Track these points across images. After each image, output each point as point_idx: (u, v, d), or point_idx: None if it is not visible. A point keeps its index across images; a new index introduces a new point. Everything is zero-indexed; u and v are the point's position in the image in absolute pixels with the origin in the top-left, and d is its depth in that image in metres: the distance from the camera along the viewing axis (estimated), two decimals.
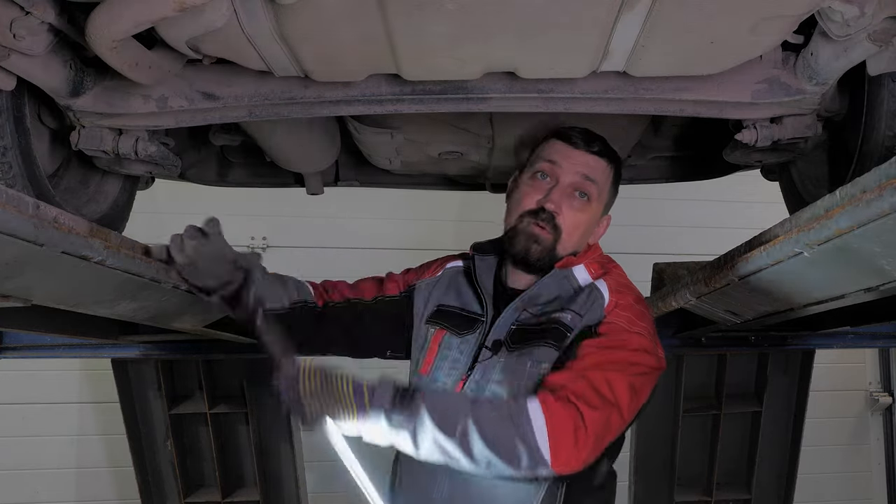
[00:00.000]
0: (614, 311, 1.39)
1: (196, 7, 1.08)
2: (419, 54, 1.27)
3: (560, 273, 1.47)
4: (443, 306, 1.56)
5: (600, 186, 1.48)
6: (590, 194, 1.47)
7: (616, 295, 1.41)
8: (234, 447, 2.87)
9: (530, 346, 1.40)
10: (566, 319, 1.40)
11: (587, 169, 1.47)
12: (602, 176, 1.49)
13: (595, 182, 1.47)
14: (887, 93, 1.37)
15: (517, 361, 1.39)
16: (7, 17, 1.16)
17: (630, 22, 1.16)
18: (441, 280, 1.61)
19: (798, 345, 2.67)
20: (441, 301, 1.57)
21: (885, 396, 4.56)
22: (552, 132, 1.55)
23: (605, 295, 1.41)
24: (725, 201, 4.24)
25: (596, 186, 1.47)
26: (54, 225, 0.96)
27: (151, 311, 1.48)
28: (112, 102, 1.44)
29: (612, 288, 1.43)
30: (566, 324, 1.39)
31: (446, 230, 4.16)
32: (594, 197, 1.47)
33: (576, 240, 1.48)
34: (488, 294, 1.51)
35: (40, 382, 3.94)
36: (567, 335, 1.38)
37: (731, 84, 1.42)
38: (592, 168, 1.47)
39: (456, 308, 1.54)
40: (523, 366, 1.39)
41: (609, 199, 1.54)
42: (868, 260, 0.98)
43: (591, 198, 1.47)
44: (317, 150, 2.13)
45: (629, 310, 1.40)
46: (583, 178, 1.46)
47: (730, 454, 2.90)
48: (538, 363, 1.38)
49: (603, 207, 1.52)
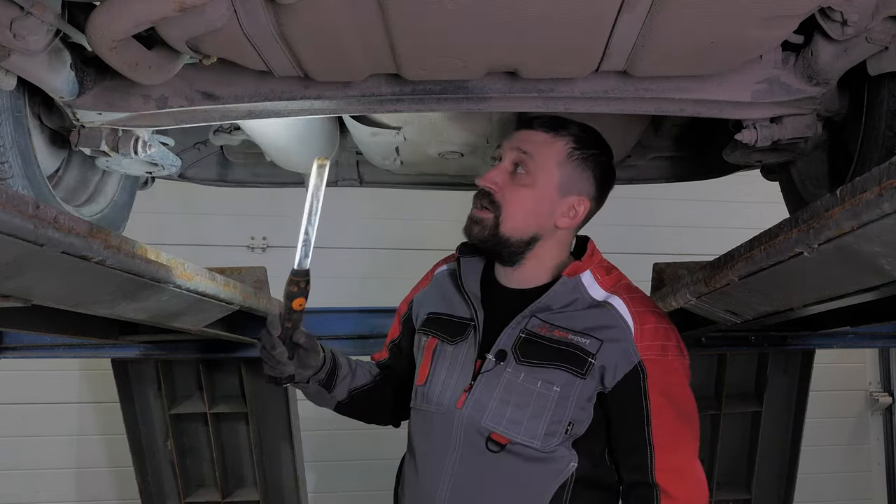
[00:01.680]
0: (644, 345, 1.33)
1: (196, 7, 1.08)
2: (419, 54, 1.27)
3: (570, 281, 1.38)
4: (433, 314, 1.52)
5: (539, 158, 1.38)
6: (525, 166, 1.38)
7: (638, 319, 1.35)
8: (234, 447, 2.87)
9: (543, 366, 1.34)
10: (584, 344, 1.33)
11: (521, 143, 1.40)
12: (541, 147, 1.39)
13: (528, 153, 1.38)
14: (887, 93, 1.37)
15: (526, 379, 1.33)
16: (7, 17, 1.16)
17: (630, 22, 1.16)
18: (433, 287, 1.57)
19: (798, 345, 2.67)
20: (431, 308, 1.53)
21: (885, 396, 4.56)
22: None
23: (629, 321, 1.34)
24: (724, 201, 4.25)
25: (530, 158, 1.38)
26: (54, 225, 0.96)
27: (151, 311, 1.48)
28: (112, 102, 1.44)
29: (633, 311, 1.36)
30: (585, 349, 1.33)
31: (446, 230, 4.13)
32: (532, 169, 1.38)
33: (524, 217, 1.39)
34: (475, 297, 1.45)
35: (40, 382, 3.95)
36: (588, 361, 1.32)
37: (731, 84, 1.42)
38: (527, 141, 1.40)
39: (445, 314, 1.49)
40: (532, 385, 1.33)
41: (570, 178, 1.40)
42: (868, 260, 0.98)
43: (528, 170, 1.38)
44: (316, 150, 2.13)
45: (656, 336, 1.35)
46: (518, 152, 1.39)
47: (730, 454, 2.90)
48: (549, 385, 1.32)
49: (559, 184, 1.39)
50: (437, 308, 1.52)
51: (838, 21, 1.23)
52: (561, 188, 1.40)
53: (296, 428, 2.85)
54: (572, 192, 1.41)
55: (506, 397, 1.34)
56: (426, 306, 1.54)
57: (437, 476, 1.37)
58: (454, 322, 1.46)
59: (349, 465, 4.24)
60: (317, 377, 1.45)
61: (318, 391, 1.49)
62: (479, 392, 1.36)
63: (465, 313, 1.46)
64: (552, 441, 1.32)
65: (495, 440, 1.33)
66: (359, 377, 1.54)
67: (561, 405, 1.32)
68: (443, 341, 1.45)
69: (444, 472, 1.37)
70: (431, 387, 1.43)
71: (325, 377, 1.46)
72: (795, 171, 1.78)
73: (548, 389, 1.32)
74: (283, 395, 2.75)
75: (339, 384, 1.49)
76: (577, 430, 1.34)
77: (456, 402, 1.37)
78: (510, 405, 1.33)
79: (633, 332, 1.33)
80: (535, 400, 1.32)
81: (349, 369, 1.52)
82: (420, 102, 1.45)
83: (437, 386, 1.42)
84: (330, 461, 4.23)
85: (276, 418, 2.80)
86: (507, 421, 1.33)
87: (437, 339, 1.47)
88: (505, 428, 1.33)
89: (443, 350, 1.44)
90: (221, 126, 2.08)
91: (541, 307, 1.38)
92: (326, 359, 1.46)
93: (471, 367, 1.39)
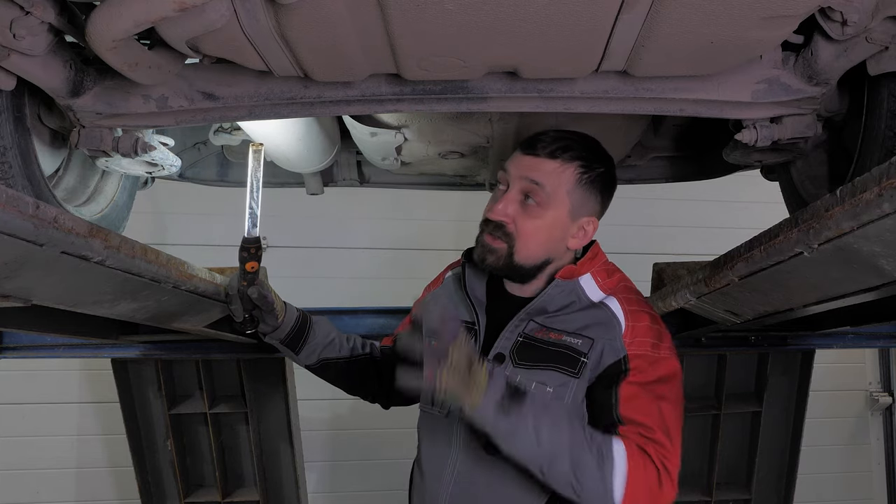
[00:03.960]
0: (635, 341, 1.37)
1: (196, 7, 1.08)
2: (419, 54, 1.27)
3: (565, 284, 1.42)
4: None
5: (550, 188, 1.40)
6: (536, 198, 1.40)
7: (631, 319, 1.39)
8: (234, 447, 2.87)
9: (538, 368, 1.38)
10: (577, 345, 1.37)
11: (530, 172, 1.41)
12: (551, 178, 1.40)
13: (540, 184, 1.40)
14: (887, 93, 1.37)
15: (522, 381, 1.36)
16: (7, 17, 1.16)
17: (630, 22, 1.16)
18: (443, 289, 1.63)
19: (798, 345, 2.67)
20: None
21: (885, 396, 4.56)
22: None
23: (621, 320, 1.39)
24: (725, 201, 4.25)
25: (542, 189, 1.40)
26: (54, 225, 0.96)
27: (151, 311, 1.48)
28: (112, 102, 1.44)
29: (626, 310, 1.40)
30: (577, 349, 1.37)
31: (446, 230, 4.16)
32: (543, 200, 1.40)
33: (538, 246, 1.42)
34: (478, 303, 1.50)
35: (40, 382, 3.94)
36: (580, 360, 1.36)
37: (731, 84, 1.42)
38: (536, 170, 1.41)
39: None
40: (527, 385, 1.36)
41: (581, 202, 1.43)
42: (868, 260, 0.98)
43: (539, 202, 1.40)
44: (316, 150, 2.13)
45: (649, 334, 1.38)
46: (528, 182, 1.41)
47: (730, 454, 2.90)
48: (543, 386, 1.36)
49: (570, 210, 1.42)
50: None
51: (838, 21, 1.23)
52: (572, 213, 1.43)
53: (296, 428, 2.85)
54: (583, 214, 1.44)
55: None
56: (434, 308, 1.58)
57: (440, 477, 1.42)
58: None
59: (349, 465, 4.24)
60: (276, 335, 1.55)
61: (284, 349, 1.59)
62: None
63: (467, 317, 1.50)
64: None
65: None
66: (333, 350, 1.63)
67: None
68: None
69: (445, 473, 1.42)
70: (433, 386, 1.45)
71: (287, 338, 1.56)
72: (795, 171, 1.78)
73: (541, 390, 1.36)
74: (283, 395, 2.75)
75: (305, 348, 1.59)
76: None
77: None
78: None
79: (623, 329, 1.37)
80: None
81: (325, 339, 1.61)
82: (420, 102, 1.45)
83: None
84: (330, 461, 4.23)
85: (276, 418, 2.80)
86: None
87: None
88: None
89: None
90: (221, 126, 2.08)
91: (536, 310, 1.43)
92: (291, 322, 1.55)
93: None
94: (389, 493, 1.58)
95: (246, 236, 1.42)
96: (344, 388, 1.70)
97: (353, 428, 4.19)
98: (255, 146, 1.43)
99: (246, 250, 1.42)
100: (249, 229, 1.41)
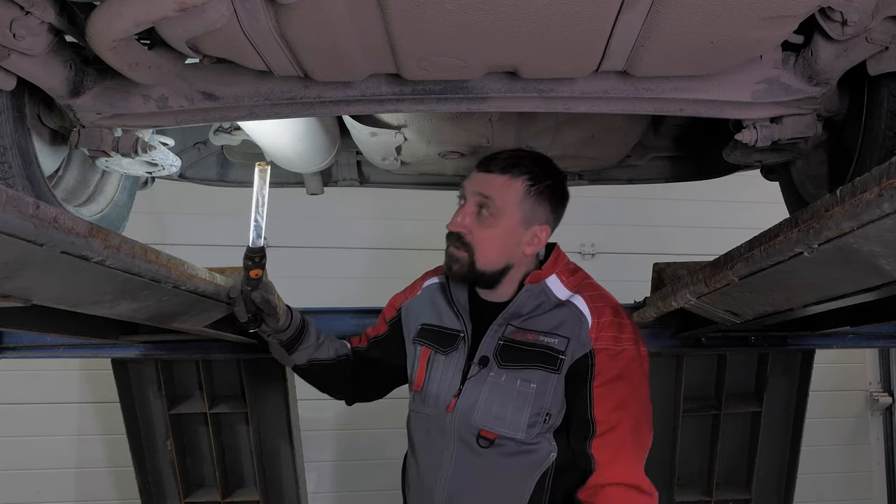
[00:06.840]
0: (600, 336, 1.51)
1: (196, 7, 1.08)
2: (419, 54, 1.27)
3: (533, 288, 1.56)
4: (425, 325, 1.69)
5: (499, 201, 1.54)
6: (488, 210, 1.54)
7: (595, 313, 1.53)
8: (234, 447, 2.87)
9: (521, 367, 1.52)
10: (554, 343, 1.51)
11: (480, 187, 1.55)
12: (501, 191, 1.54)
13: (489, 197, 1.54)
14: (887, 93, 1.37)
15: (507, 380, 1.51)
16: (7, 17, 1.16)
17: (630, 22, 1.16)
18: (422, 298, 1.74)
19: (798, 345, 2.67)
20: (423, 320, 1.70)
21: (885, 396, 4.56)
22: None
23: (587, 314, 1.53)
24: (725, 201, 4.25)
25: (491, 201, 1.54)
26: (54, 225, 0.96)
27: (151, 311, 1.48)
28: (112, 102, 1.44)
29: (591, 306, 1.54)
30: (555, 348, 1.51)
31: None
32: (495, 211, 1.54)
33: (495, 253, 1.55)
34: (464, 309, 1.62)
35: (40, 382, 3.94)
36: (559, 358, 1.50)
37: (731, 84, 1.42)
38: (486, 185, 1.55)
39: (436, 326, 1.66)
40: (513, 384, 1.51)
41: (531, 212, 1.56)
42: (868, 260, 0.98)
43: (492, 213, 1.54)
44: (317, 150, 2.13)
45: (611, 328, 1.52)
46: (481, 196, 1.55)
47: (730, 454, 2.89)
48: (527, 382, 1.50)
49: (522, 220, 1.55)
50: (429, 319, 1.69)
51: (838, 21, 1.23)
52: (524, 222, 1.56)
53: (296, 428, 2.85)
54: (534, 223, 1.57)
55: (491, 397, 1.51)
56: (418, 317, 1.71)
57: (436, 471, 1.55)
58: (445, 333, 1.64)
59: (349, 465, 4.25)
60: (277, 336, 1.65)
61: (279, 350, 1.69)
62: (467, 395, 1.54)
63: (454, 325, 1.63)
64: (534, 431, 1.49)
65: (484, 436, 1.50)
66: (323, 352, 1.73)
67: (539, 399, 1.50)
68: (436, 351, 1.63)
69: (441, 467, 1.54)
70: (427, 392, 1.61)
71: (287, 340, 1.66)
72: (795, 171, 1.78)
73: (526, 387, 1.50)
74: (283, 395, 2.75)
75: (299, 350, 1.69)
76: (555, 421, 1.51)
77: (448, 405, 1.55)
78: (495, 404, 1.51)
79: (589, 324, 1.52)
80: (517, 397, 1.50)
81: (316, 342, 1.71)
82: (420, 102, 1.45)
83: (432, 391, 1.60)
84: (330, 461, 4.23)
85: (276, 418, 2.80)
86: (493, 418, 1.50)
87: (430, 349, 1.64)
88: (492, 424, 1.50)
89: (436, 359, 1.62)
90: (221, 126, 2.08)
91: (512, 314, 1.57)
92: (294, 325, 1.66)
93: (460, 374, 1.57)
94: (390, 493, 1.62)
95: (251, 246, 1.45)
96: (318, 386, 1.80)
97: (353, 428, 4.19)
98: (261, 166, 1.46)
99: (250, 259, 1.47)
100: (254, 240, 1.45)
